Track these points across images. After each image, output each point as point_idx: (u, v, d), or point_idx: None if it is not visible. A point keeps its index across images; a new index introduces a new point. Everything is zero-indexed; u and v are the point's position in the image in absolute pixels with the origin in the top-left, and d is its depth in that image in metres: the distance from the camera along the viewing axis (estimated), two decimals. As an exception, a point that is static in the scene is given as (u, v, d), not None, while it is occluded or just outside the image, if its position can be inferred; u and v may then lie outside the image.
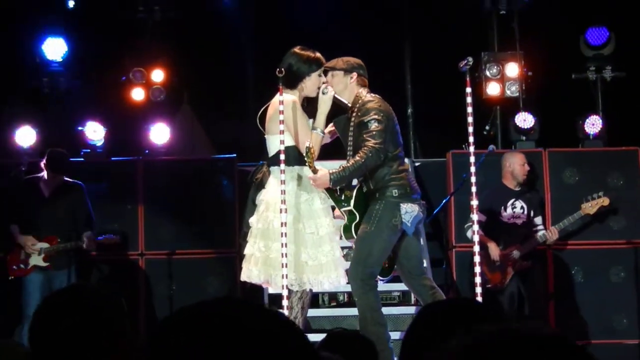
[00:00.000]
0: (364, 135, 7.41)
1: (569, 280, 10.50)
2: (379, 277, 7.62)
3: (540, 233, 9.92)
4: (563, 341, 1.44)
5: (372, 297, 7.51)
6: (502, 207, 10.01)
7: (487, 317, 2.21)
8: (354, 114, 7.55)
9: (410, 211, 7.49)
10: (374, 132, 7.39)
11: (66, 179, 9.89)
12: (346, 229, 7.58)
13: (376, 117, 7.42)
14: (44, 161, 9.80)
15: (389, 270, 7.70)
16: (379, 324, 7.46)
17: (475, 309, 2.27)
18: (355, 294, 7.54)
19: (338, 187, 7.51)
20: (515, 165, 10.09)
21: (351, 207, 7.54)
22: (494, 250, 9.82)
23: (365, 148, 7.36)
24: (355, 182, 7.71)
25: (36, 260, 9.67)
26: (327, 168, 7.46)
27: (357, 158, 7.37)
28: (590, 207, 10.00)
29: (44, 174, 9.82)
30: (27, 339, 2.74)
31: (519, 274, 9.84)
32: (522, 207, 10.03)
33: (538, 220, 10.09)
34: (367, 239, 7.45)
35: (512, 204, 10.03)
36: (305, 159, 7.20)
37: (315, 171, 7.29)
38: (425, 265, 7.77)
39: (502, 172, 10.18)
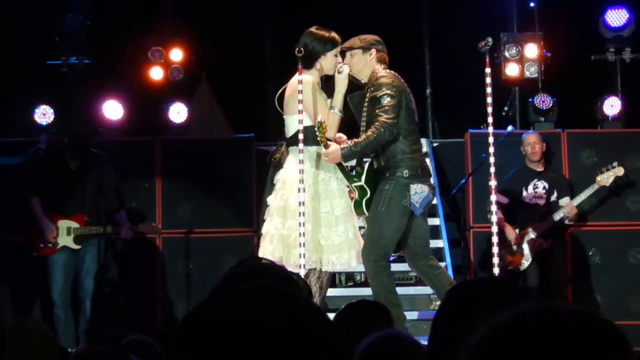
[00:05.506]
0: (377, 111, 7.38)
1: (586, 262, 10.48)
2: None
3: (559, 210, 9.86)
4: (593, 318, 1.41)
5: (385, 278, 7.50)
6: (524, 188, 9.99)
7: (520, 297, 2.12)
8: (369, 90, 7.54)
9: (419, 192, 7.46)
10: (386, 107, 7.36)
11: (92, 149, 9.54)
12: (357, 205, 7.54)
13: (388, 92, 7.39)
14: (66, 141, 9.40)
15: (397, 248, 7.69)
16: (393, 304, 7.43)
17: (506, 288, 2.18)
18: (369, 275, 7.54)
19: (348, 163, 7.52)
20: (525, 146, 10.08)
21: (362, 183, 7.52)
22: (510, 232, 9.80)
23: (378, 123, 7.34)
24: (365, 157, 7.70)
25: (66, 240, 9.31)
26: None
27: (369, 133, 7.35)
28: (605, 179, 9.91)
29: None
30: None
31: (539, 254, 9.81)
32: (544, 187, 10.00)
33: (565, 200, 9.99)
34: (378, 220, 7.44)
35: (534, 184, 10.00)
36: (317, 133, 7.20)
37: (326, 146, 7.29)
38: (439, 246, 7.74)
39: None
